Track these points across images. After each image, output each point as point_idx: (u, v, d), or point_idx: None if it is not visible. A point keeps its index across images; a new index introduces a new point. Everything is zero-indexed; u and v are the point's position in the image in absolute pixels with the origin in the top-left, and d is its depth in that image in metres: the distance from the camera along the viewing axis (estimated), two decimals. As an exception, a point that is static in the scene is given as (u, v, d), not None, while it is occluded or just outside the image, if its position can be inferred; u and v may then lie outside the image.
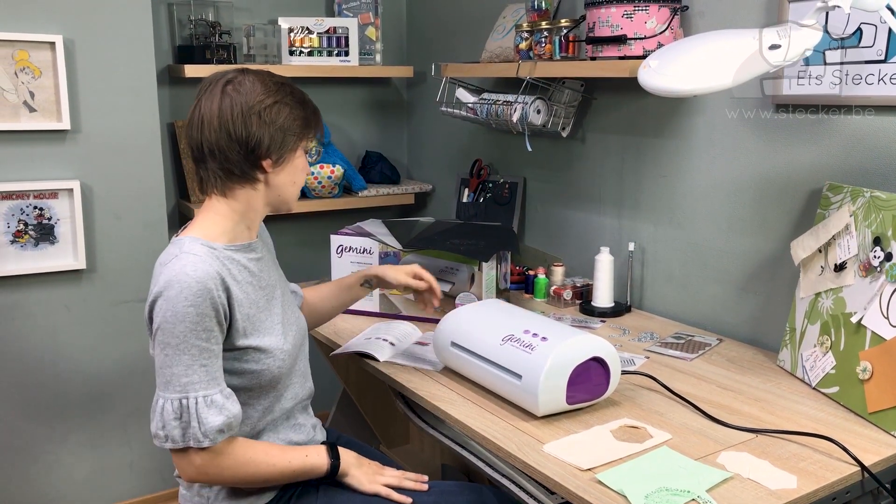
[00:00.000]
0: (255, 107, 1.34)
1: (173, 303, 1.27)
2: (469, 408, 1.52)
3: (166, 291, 1.27)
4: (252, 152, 1.35)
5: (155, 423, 1.30)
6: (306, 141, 1.43)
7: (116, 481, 2.46)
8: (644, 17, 1.84)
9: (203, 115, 1.35)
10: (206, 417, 1.27)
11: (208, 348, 1.29)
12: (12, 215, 2.19)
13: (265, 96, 1.35)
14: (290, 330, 1.47)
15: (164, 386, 1.29)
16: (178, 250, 1.33)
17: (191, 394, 1.27)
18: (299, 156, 1.42)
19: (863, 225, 1.53)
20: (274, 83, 1.38)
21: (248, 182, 1.38)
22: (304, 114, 1.40)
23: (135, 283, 2.38)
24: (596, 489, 1.20)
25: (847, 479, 1.26)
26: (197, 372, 1.28)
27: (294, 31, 2.68)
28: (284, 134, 1.37)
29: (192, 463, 1.31)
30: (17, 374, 2.27)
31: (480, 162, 2.68)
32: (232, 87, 1.35)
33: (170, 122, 2.66)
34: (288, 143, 1.38)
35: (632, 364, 1.72)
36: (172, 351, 1.28)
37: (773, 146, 1.82)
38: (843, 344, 1.52)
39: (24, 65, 2.15)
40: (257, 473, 1.36)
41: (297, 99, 1.40)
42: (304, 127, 1.40)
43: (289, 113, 1.37)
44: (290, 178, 1.42)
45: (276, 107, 1.36)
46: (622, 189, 2.22)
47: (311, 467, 1.41)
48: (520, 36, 2.19)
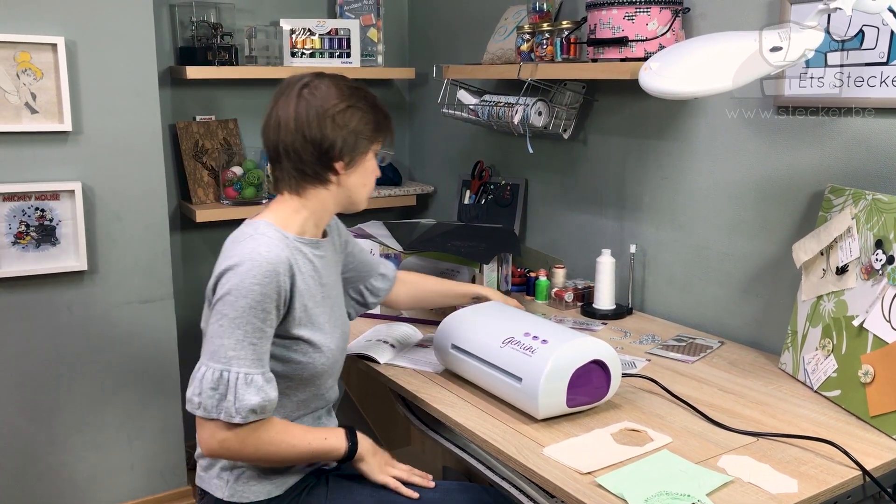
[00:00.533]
0: (329, 110, 1.39)
1: (241, 277, 1.30)
2: (469, 410, 1.52)
3: (237, 266, 1.31)
4: (325, 154, 1.40)
5: (192, 389, 1.32)
6: (377, 144, 1.47)
7: (118, 482, 2.46)
8: (645, 18, 1.83)
9: (279, 118, 1.41)
10: (243, 395, 1.29)
11: (262, 329, 1.31)
12: (14, 217, 2.19)
13: (339, 100, 1.40)
14: (337, 332, 1.51)
15: (210, 355, 1.31)
16: (252, 231, 1.38)
17: (233, 368, 1.29)
18: (370, 159, 1.47)
19: (865, 228, 1.53)
20: (348, 88, 1.43)
21: (320, 182, 1.43)
22: (375, 118, 1.45)
23: (136, 285, 2.38)
24: (596, 493, 1.20)
25: (848, 483, 1.25)
26: (245, 349, 1.30)
27: (296, 33, 2.68)
28: (356, 137, 1.42)
29: (215, 436, 1.31)
30: (18, 375, 2.27)
31: (482, 164, 2.68)
32: (308, 90, 1.41)
33: (171, 124, 2.66)
34: (360, 147, 1.43)
35: (633, 367, 1.72)
36: (228, 323, 1.30)
37: (775, 148, 1.81)
38: (844, 347, 1.51)
39: (25, 66, 2.15)
40: (277, 453, 1.37)
41: (370, 103, 1.44)
42: (375, 131, 1.45)
43: (361, 117, 1.42)
44: (360, 180, 1.47)
45: (350, 111, 1.41)
46: (624, 191, 2.21)
47: (330, 449, 1.42)
48: (521, 38, 2.18)
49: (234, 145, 2.73)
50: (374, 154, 1.48)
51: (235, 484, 1.42)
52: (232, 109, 2.76)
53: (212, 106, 2.74)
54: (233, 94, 2.75)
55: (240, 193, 2.64)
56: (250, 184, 2.65)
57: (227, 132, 2.73)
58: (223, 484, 1.42)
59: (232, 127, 2.75)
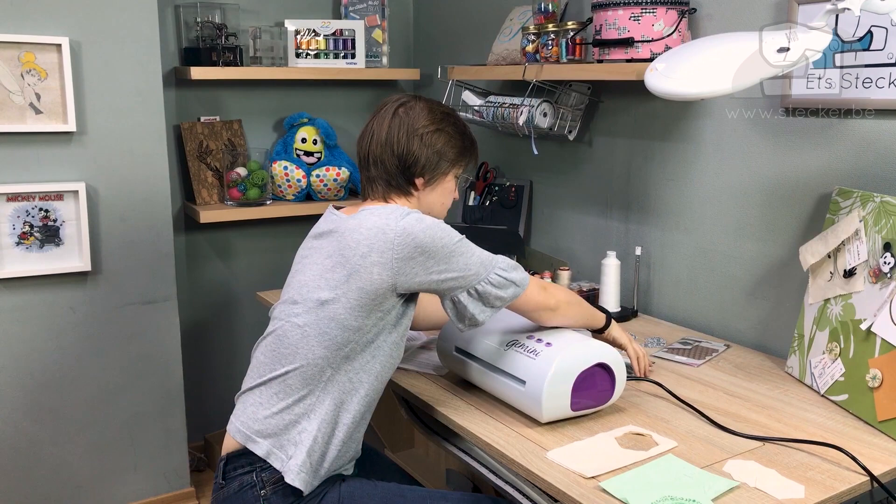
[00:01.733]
0: (418, 130, 1.52)
1: (435, 224, 1.42)
2: (473, 414, 1.51)
3: (423, 223, 1.41)
4: (408, 168, 1.52)
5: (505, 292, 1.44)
6: (458, 168, 1.59)
7: (121, 483, 2.45)
8: (651, 19, 1.82)
9: (374, 130, 1.54)
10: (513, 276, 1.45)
11: (469, 241, 1.46)
12: (18, 217, 2.19)
13: (429, 122, 1.53)
14: None
15: (481, 268, 1.43)
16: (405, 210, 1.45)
17: (494, 266, 1.44)
18: (450, 180, 1.58)
19: (873, 230, 1.51)
20: (440, 112, 1.55)
21: (403, 193, 1.55)
22: (461, 143, 1.57)
23: (140, 286, 2.38)
24: (600, 497, 1.19)
25: (856, 489, 1.24)
26: (479, 255, 1.44)
27: (301, 34, 2.68)
28: (439, 158, 1.54)
29: (548, 292, 1.50)
30: (22, 376, 2.27)
31: (487, 165, 2.67)
32: (403, 110, 1.53)
33: (176, 125, 2.66)
34: (441, 167, 1.55)
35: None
36: (459, 247, 1.42)
37: (782, 150, 1.80)
38: (852, 351, 1.50)
39: (30, 67, 2.15)
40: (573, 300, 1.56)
41: (458, 129, 1.57)
42: (458, 155, 1.57)
43: (447, 140, 1.54)
44: (439, 199, 1.58)
45: (437, 133, 1.53)
46: (629, 193, 2.20)
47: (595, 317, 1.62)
48: (526, 38, 2.17)
49: (239, 146, 2.73)
50: (455, 177, 1.59)
51: (295, 460, 1.40)
52: (236, 110, 2.76)
53: (216, 107, 2.73)
54: (237, 94, 2.75)
55: (244, 194, 2.64)
56: (254, 185, 2.64)
57: (231, 133, 2.73)
58: (284, 457, 1.40)
59: (236, 128, 2.74)
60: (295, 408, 1.42)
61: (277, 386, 1.44)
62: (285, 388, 1.43)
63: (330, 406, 1.42)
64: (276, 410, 1.42)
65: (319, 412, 1.41)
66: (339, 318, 1.40)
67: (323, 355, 1.41)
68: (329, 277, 1.42)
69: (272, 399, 1.44)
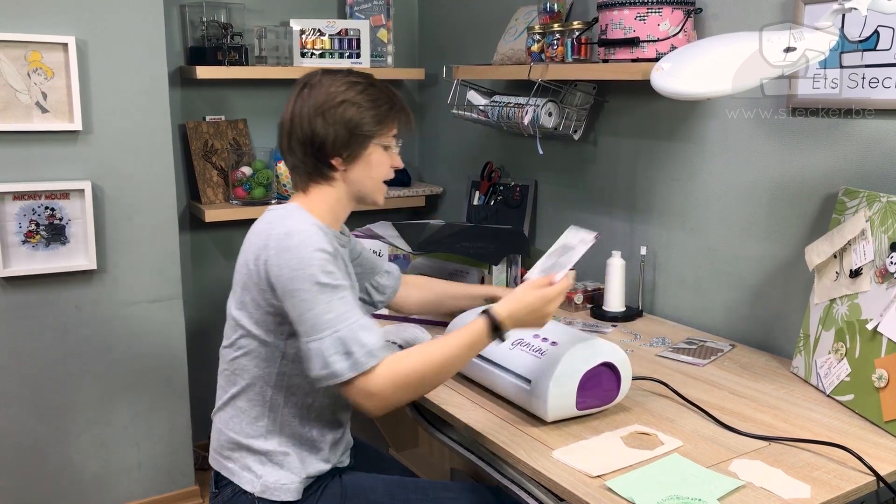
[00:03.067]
0: (321, 107, 1.39)
1: (296, 251, 1.30)
2: (478, 412, 1.51)
3: (287, 242, 1.31)
4: (319, 151, 1.41)
5: (315, 366, 1.29)
6: (382, 137, 1.44)
7: (125, 481, 2.46)
8: (657, 19, 1.82)
9: (283, 119, 1.45)
10: (364, 340, 1.28)
11: (337, 285, 1.31)
12: (24, 216, 2.19)
13: (332, 98, 1.40)
14: None
15: (312, 330, 1.30)
16: (287, 212, 1.39)
17: (340, 326, 1.28)
18: (374, 152, 1.44)
19: (879, 230, 1.51)
20: (346, 83, 1.41)
21: (323, 179, 1.44)
22: (377, 110, 1.42)
23: (146, 284, 2.38)
24: (605, 496, 1.19)
25: (862, 488, 1.24)
26: (337, 306, 1.30)
27: (306, 33, 2.68)
28: (350, 132, 1.40)
29: (367, 391, 1.28)
30: (27, 374, 2.28)
31: (491, 164, 2.67)
32: (307, 89, 1.42)
33: (181, 124, 2.66)
34: (357, 140, 1.41)
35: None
36: (307, 295, 1.29)
37: (788, 150, 1.79)
38: (858, 351, 1.50)
39: (36, 66, 2.16)
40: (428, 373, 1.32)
41: (371, 97, 1.42)
42: (376, 123, 1.42)
43: (357, 111, 1.40)
44: (366, 174, 1.45)
45: (343, 106, 1.39)
46: (634, 193, 2.20)
47: (474, 333, 1.34)
48: (532, 38, 2.17)
49: (244, 145, 2.73)
50: (384, 147, 1.45)
51: (266, 479, 1.41)
52: (242, 110, 2.76)
53: (221, 106, 2.74)
54: (242, 94, 2.75)
55: (249, 193, 2.64)
56: (259, 184, 2.64)
57: (236, 132, 2.73)
58: (254, 478, 1.41)
59: (241, 127, 2.75)
60: (248, 429, 1.43)
61: (231, 409, 1.45)
62: (237, 411, 1.44)
63: (282, 415, 1.42)
64: (236, 431, 1.44)
65: (273, 424, 1.42)
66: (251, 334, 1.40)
67: (256, 374, 1.41)
68: (235, 290, 1.43)
69: (231, 422, 1.45)
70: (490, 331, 1.34)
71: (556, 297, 1.37)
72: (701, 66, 1.55)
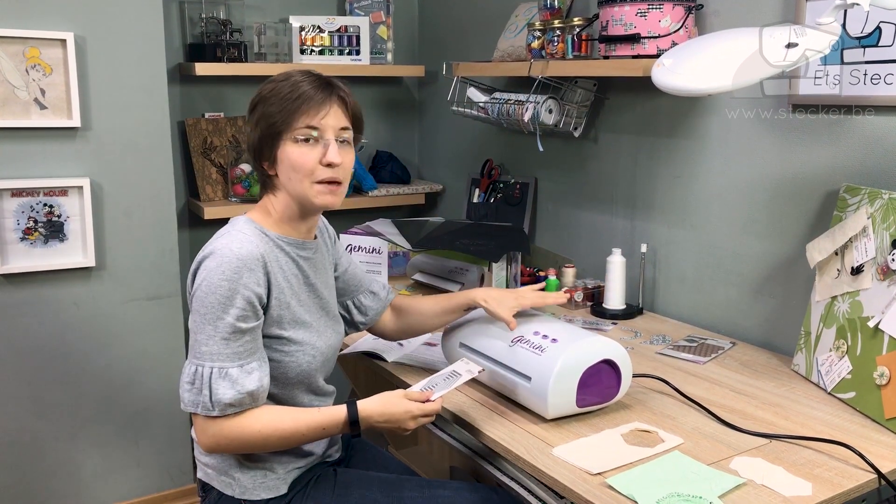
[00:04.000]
0: (247, 115, 1.40)
1: (210, 273, 1.29)
2: (477, 410, 1.50)
3: (206, 261, 1.31)
4: (255, 159, 1.41)
5: (180, 383, 1.33)
6: (291, 131, 1.34)
7: (124, 479, 2.45)
8: (658, 15, 1.81)
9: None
10: (217, 389, 1.28)
11: (234, 325, 1.29)
12: (22, 212, 2.19)
13: (253, 100, 1.39)
14: (328, 331, 1.48)
15: (190, 350, 1.33)
16: (230, 227, 1.38)
17: (206, 363, 1.29)
18: (286, 149, 1.35)
19: (881, 227, 1.50)
20: (271, 82, 1.38)
21: (269, 188, 1.43)
22: (282, 107, 1.34)
23: (144, 282, 2.38)
24: (606, 494, 1.18)
25: (863, 486, 1.23)
26: (217, 344, 1.29)
27: (305, 30, 2.67)
28: (263, 134, 1.37)
29: (205, 430, 1.31)
30: (26, 372, 2.27)
31: (491, 162, 2.66)
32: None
33: (180, 121, 2.65)
34: (270, 141, 1.36)
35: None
36: (200, 319, 1.30)
37: (789, 147, 1.79)
38: (859, 348, 1.49)
39: (34, 62, 2.15)
40: (273, 439, 1.33)
41: (279, 91, 1.35)
42: (283, 121, 1.34)
43: (264, 112, 1.36)
44: (288, 176, 1.37)
45: (255, 111, 1.38)
46: (635, 190, 2.19)
47: (329, 419, 1.35)
48: (532, 35, 2.17)
49: (243, 143, 2.72)
50: (293, 141, 1.35)
51: (242, 481, 1.40)
52: (241, 106, 2.76)
53: (221, 103, 2.73)
54: (242, 91, 2.75)
55: (248, 191, 2.64)
56: (258, 181, 2.63)
57: (235, 129, 2.73)
58: (231, 482, 1.41)
59: (241, 124, 2.74)
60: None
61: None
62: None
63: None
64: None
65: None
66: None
67: None
68: None
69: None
70: (348, 423, 1.35)
71: (420, 416, 1.36)
72: (702, 63, 1.54)
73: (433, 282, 2.27)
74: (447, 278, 2.22)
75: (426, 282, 2.29)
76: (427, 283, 2.29)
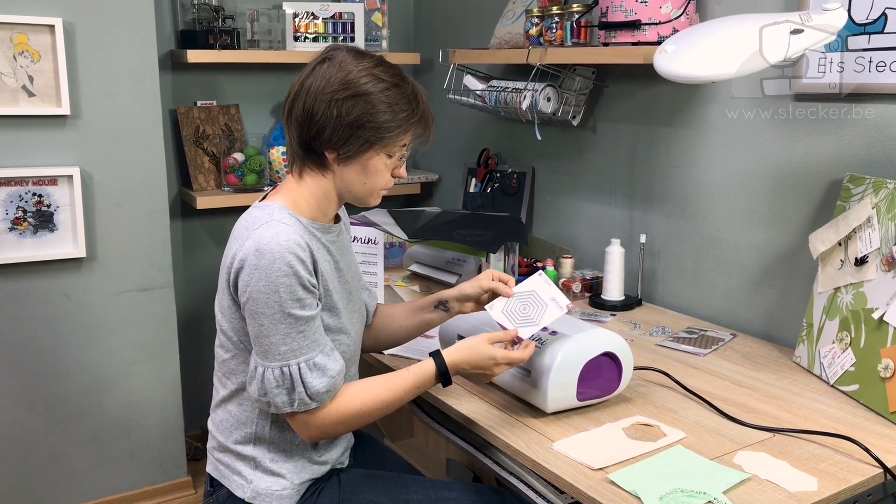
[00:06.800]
0: (330, 92, 1.26)
1: (266, 272, 1.23)
2: (476, 403, 1.48)
3: (257, 261, 1.23)
4: (314, 138, 1.28)
5: (255, 388, 1.28)
6: (393, 147, 1.30)
7: (117, 472, 2.43)
8: (659, 1, 1.78)
9: (291, 88, 1.32)
10: (310, 382, 1.26)
11: (303, 316, 1.26)
12: (11, 202, 2.15)
13: (346, 86, 1.25)
14: (355, 316, 1.45)
15: (263, 355, 1.27)
16: (267, 216, 1.28)
17: (292, 361, 1.26)
18: (374, 158, 1.30)
19: (885, 217, 1.48)
20: (370, 75, 1.27)
21: (316, 167, 1.33)
22: (389, 117, 1.27)
23: (136, 272, 2.34)
24: (608, 489, 1.16)
25: (869, 481, 1.21)
26: (295, 339, 1.26)
27: (299, 17, 2.63)
28: (352, 132, 1.26)
29: (307, 425, 1.30)
30: (16, 364, 2.24)
31: (488, 151, 2.63)
32: (326, 64, 1.29)
33: (172, 109, 2.61)
34: (356, 144, 1.27)
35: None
36: (268, 321, 1.25)
37: (792, 136, 1.76)
38: (863, 340, 1.47)
39: (22, 48, 2.11)
40: (374, 412, 1.33)
41: (388, 99, 1.27)
42: (385, 131, 1.27)
43: (366, 110, 1.26)
44: (359, 179, 1.33)
45: (354, 100, 1.25)
46: (634, 179, 2.16)
47: (420, 378, 1.34)
48: (530, 21, 2.13)
49: (236, 131, 2.68)
50: (389, 156, 1.32)
51: (256, 485, 1.38)
52: (234, 94, 2.72)
53: (213, 91, 2.69)
54: (234, 78, 2.71)
55: (241, 180, 2.60)
56: (252, 170, 2.60)
57: (228, 118, 2.69)
58: (244, 483, 1.38)
59: (233, 112, 2.70)
60: (238, 434, 1.39)
61: (222, 412, 1.42)
62: (228, 415, 1.41)
63: (272, 421, 1.37)
64: (225, 435, 1.40)
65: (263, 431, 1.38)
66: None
67: (244, 378, 1.36)
68: (219, 289, 1.38)
69: (221, 425, 1.42)
70: (438, 375, 1.34)
71: (506, 365, 1.35)
72: (705, 49, 1.52)
73: (430, 273, 2.23)
74: (444, 269, 2.19)
75: (423, 273, 2.26)
76: (424, 275, 2.25)
